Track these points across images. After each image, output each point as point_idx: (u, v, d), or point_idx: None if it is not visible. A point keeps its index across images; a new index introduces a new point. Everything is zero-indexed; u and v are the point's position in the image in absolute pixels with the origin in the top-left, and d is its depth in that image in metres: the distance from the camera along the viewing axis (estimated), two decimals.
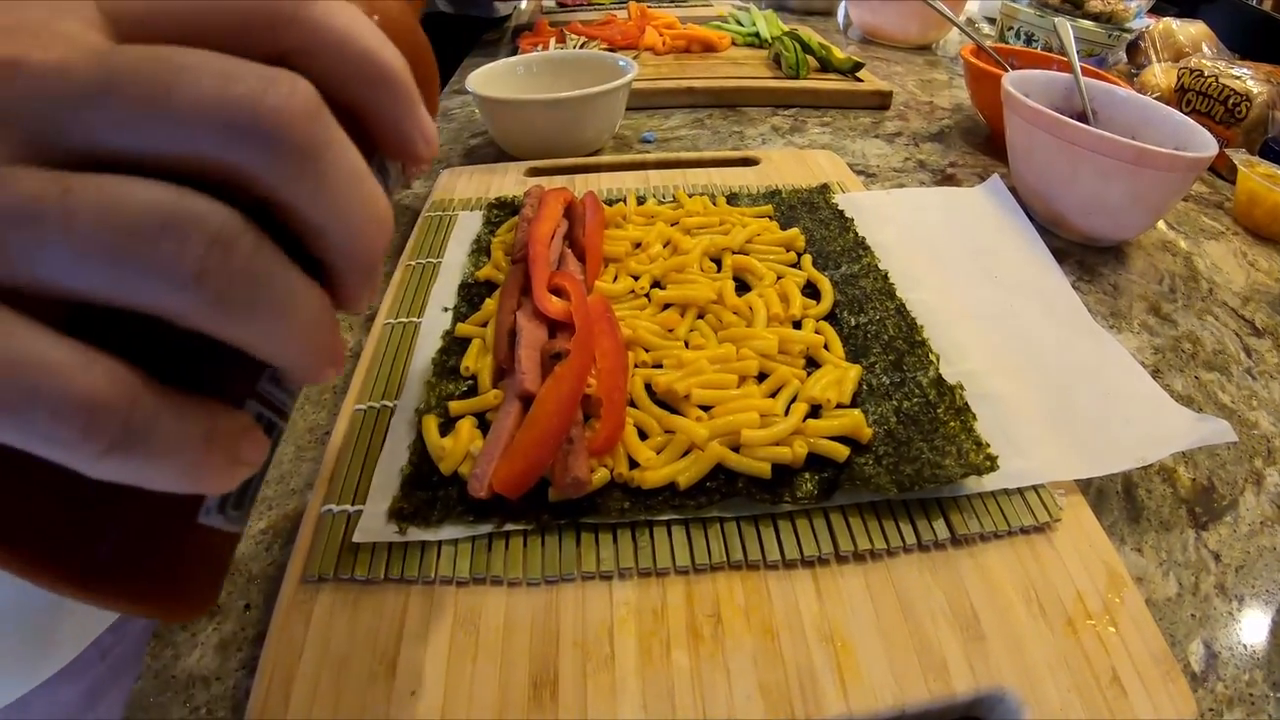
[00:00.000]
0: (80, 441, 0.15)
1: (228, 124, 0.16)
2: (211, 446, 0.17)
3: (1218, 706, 0.32)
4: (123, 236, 0.15)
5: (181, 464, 0.16)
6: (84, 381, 0.15)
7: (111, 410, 0.15)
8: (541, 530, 0.34)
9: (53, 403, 0.14)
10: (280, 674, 0.29)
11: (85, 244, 0.15)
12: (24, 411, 0.14)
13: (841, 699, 0.29)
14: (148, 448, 0.16)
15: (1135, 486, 0.42)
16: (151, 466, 0.16)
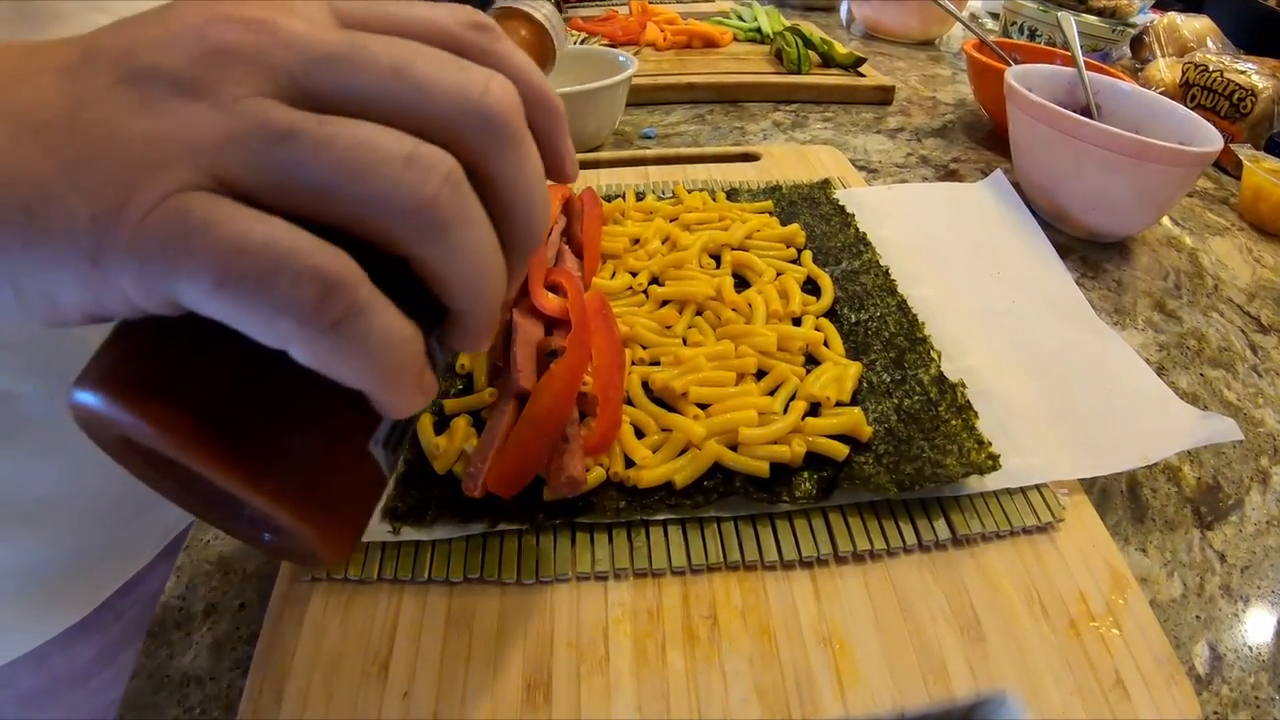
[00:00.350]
0: (313, 313, 0.17)
1: (458, 102, 0.19)
2: (410, 357, 0.19)
3: (1222, 710, 0.32)
4: (368, 161, 0.18)
5: (384, 362, 0.18)
6: (321, 258, 0.17)
7: (343, 286, 0.17)
8: (536, 530, 0.34)
9: (295, 272, 0.17)
10: (273, 674, 0.29)
11: (336, 166, 0.18)
12: (269, 281, 0.17)
13: (839, 702, 0.28)
14: (365, 334, 0.18)
15: (1140, 485, 0.41)
16: (360, 355, 0.18)
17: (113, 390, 0.18)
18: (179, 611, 0.33)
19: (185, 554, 0.36)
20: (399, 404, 0.20)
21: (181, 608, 0.34)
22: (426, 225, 0.19)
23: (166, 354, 0.19)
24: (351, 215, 0.18)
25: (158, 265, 0.17)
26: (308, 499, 0.20)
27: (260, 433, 0.19)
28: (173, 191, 0.17)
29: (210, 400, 0.18)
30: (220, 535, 0.37)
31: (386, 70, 0.19)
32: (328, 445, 0.20)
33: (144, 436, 0.18)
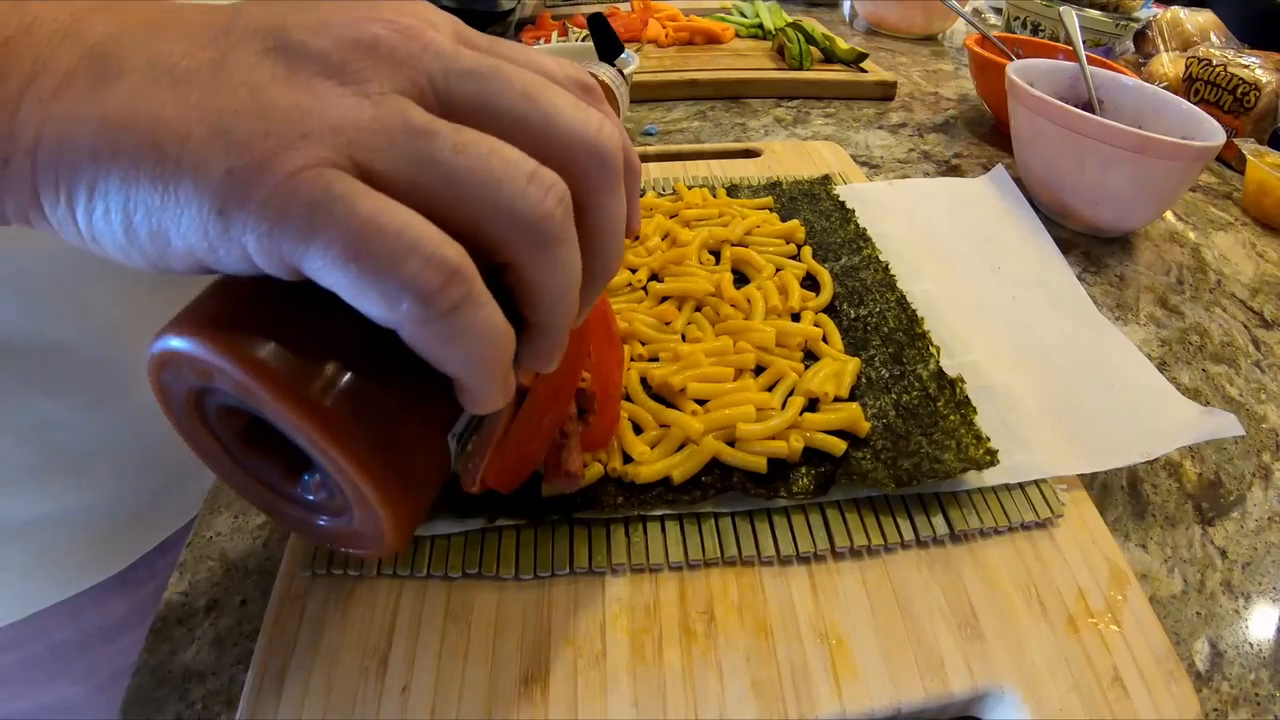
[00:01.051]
0: (434, 296, 0.18)
1: (577, 133, 0.21)
2: (506, 352, 0.20)
3: (1223, 706, 0.32)
4: (500, 173, 0.19)
5: (485, 353, 0.20)
6: (449, 248, 0.18)
7: (465, 277, 0.18)
8: (534, 525, 0.34)
9: (425, 256, 0.18)
10: (273, 669, 0.29)
11: (469, 170, 0.19)
12: (399, 261, 0.17)
13: (836, 698, 0.28)
14: (473, 323, 0.19)
15: (1140, 481, 0.41)
16: (466, 342, 0.19)
17: (212, 335, 0.18)
18: (181, 607, 0.34)
19: (188, 550, 0.36)
20: (486, 396, 0.21)
21: (184, 604, 0.34)
22: (540, 237, 0.20)
23: (270, 311, 0.19)
24: (472, 217, 0.20)
25: (290, 228, 0.17)
26: (390, 475, 0.20)
27: (354, 401, 0.19)
28: (313, 164, 0.18)
29: (311, 360, 0.19)
30: (222, 532, 0.37)
31: (518, 93, 0.21)
32: (414, 427, 0.21)
33: (238, 385, 0.18)
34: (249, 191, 0.17)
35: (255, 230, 0.18)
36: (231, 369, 0.18)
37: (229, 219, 0.18)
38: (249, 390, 0.18)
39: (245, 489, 0.23)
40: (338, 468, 0.19)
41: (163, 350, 0.19)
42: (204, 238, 0.18)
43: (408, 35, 0.20)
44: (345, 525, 0.22)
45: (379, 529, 0.21)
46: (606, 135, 0.22)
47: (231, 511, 0.38)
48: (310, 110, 0.19)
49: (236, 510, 0.38)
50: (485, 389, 0.21)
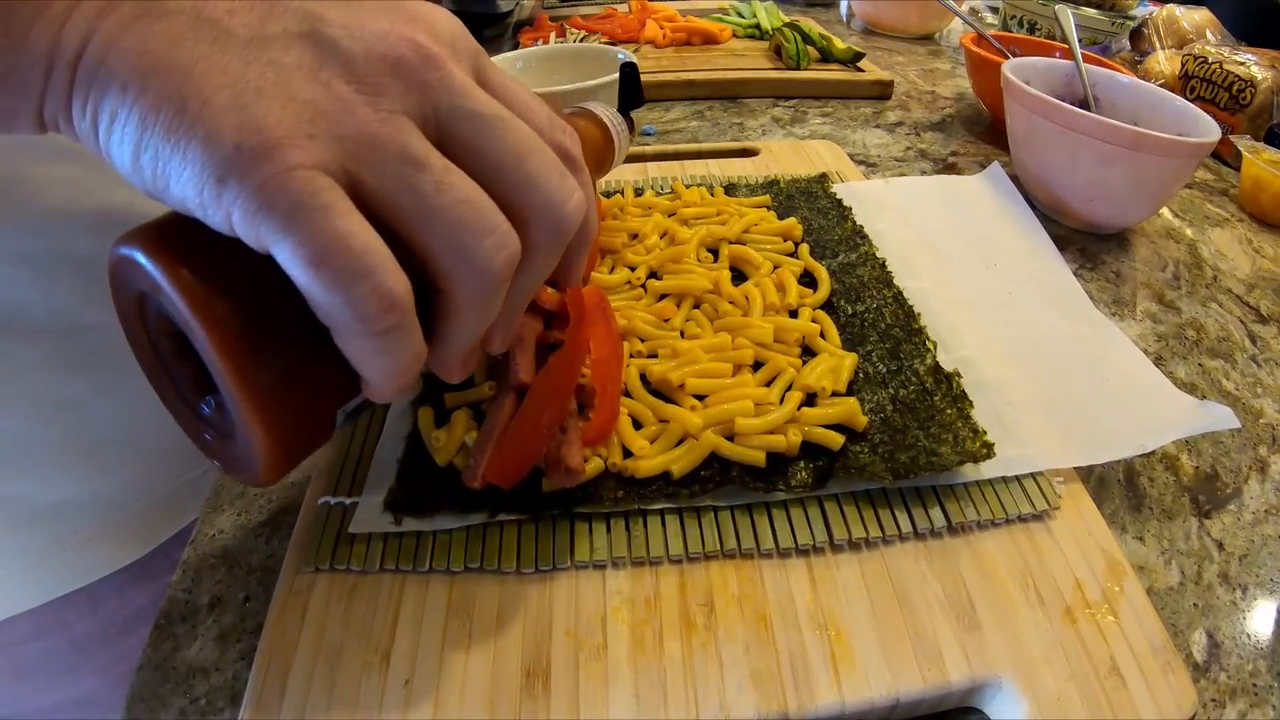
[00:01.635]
0: (371, 319, 0.20)
1: (547, 203, 0.24)
2: (415, 369, 0.23)
3: (1220, 697, 0.32)
4: (468, 221, 0.21)
5: (396, 369, 0.22)
6: (396, 281, 0.20)
7: (401, 309, 0.21)
8: (535, 520, 0.34)
9: (374, 284, 0.20)
10: (276, 664, 0.29)
11: (442, 209, 0.21)
12: (352, 281, 0.20)
13: (835, 688, 0.29)
14: (396, 347, 0.21)
15: (1137, 474, 0.41)
16: (384, 359, 0.22)
17: (157, 250, 0.20)
18: (185, 605, 0.34)
19: (191, 548, 0.36)
20: (385, 396, 0.24)
21: (187, 601, 0.34)
22: (479, 286, 0.22)
23: (218, 249, 0.21)
24: (431, 248, 0.22)
25: (272, 220, 0.19)
26: (277, 414, 0.22)
27: (269, 344, 0.21)
28: (309, 165, 0.19)
29: (235, 295, 0.21)
30: (225, 529, 0.37)
31: (510, 149, 0.23)
32: (310, 388, 0.23)
33: (171, 301, 0.20)
34: (248, 172, 0.19)
35: (243, 207, 0.19)
36: (165, 283, 0.20)
37: (224, 188, 0.19)
38: (174, 303, 0.20)
39: (167, 397, 0.26)
40: (232, 397, 0.21)
41: (116, 255, 0.21)
42: (198, 195, 0.19)
43: (429, 63, 0.22)
44: (231, 448, 0.24)
45: (255, 461, 0.23)
46: (572, 208, 0.24)
47: (234, 509, 0.38)
48: (323, 111, 0.20)
49: (239, 508, 0.38)
50: (385, 391, 0.23)
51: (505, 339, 0.27)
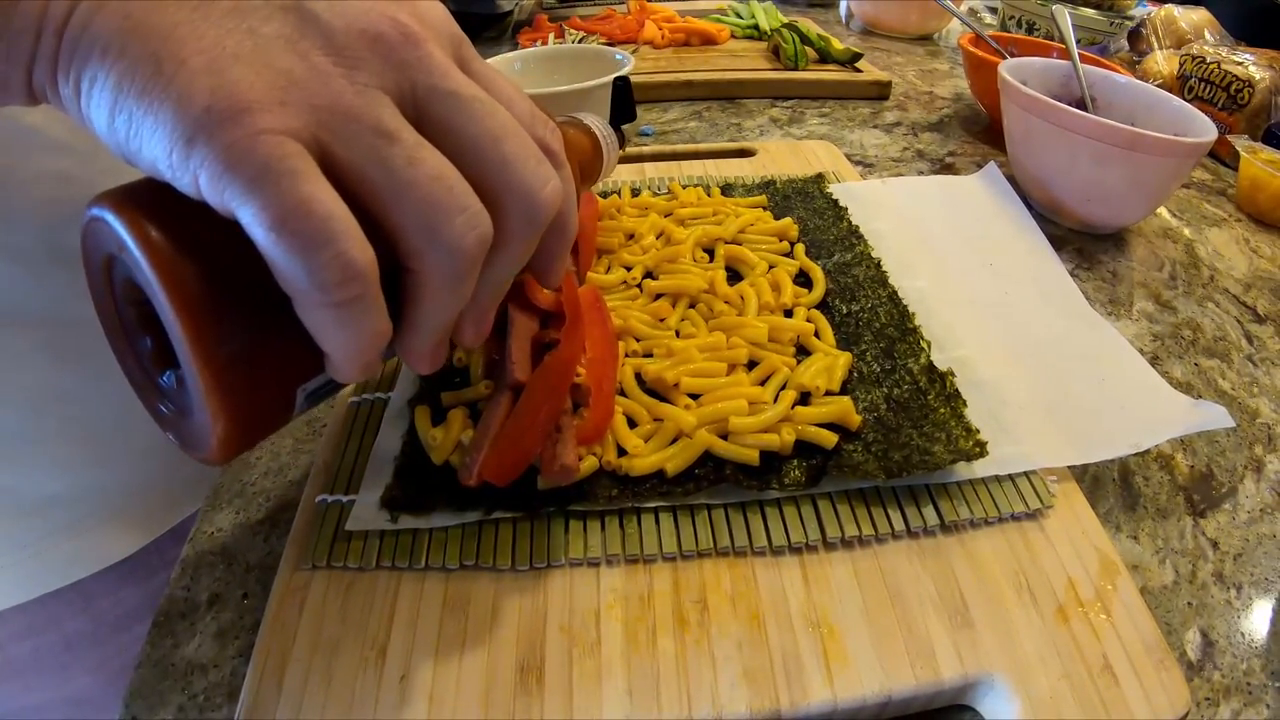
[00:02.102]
0: (331, 288, 0.20)
1: (521, 187, 0.23)
2: (376, 347, 0.23)
3: (1214, 695, 0.32)
4: (439, 197, 0.21)
5: (356, 344, 0.22)
6: (359, 251, 0.20)
7: (363, 279, 0.20)
8: (530, 517, 0.34)
9: (335, 252, 0.20)
10: (274, 661, 0.30)
11: (411, 183, 0.21)
12: (313, 247, 0.19)
13: (827, 686, 0.29)
14: (356, 320, 0.21)
15: (1132, 474, 0.41)
16: (343, 332, 0.21)
17: (128, 212, 0.20)
18: (184, 602, 0.34)
19: (189, 545, 0.37)
20: (346, 374, 0.23)
21: (186, 598, 0.34)
22: (447, 266, 0.22)
23: (190, 216, 0.21)
24: (400, 224, 0.21)
25: (238, 182, 0.19)
26: (236, 388, 0.22)
27: (232, 313, 0.21)
28: (280, 130, 0.19)
29: (202, 263, 0.21)
30: (224, 527, 0.37)
31: (486, 130, 0.23)
32: (271, 363, 0.23)
33: (136, 262, 0.20)
34: (216, 133, 0.19)
35: (209, 169, 0.19)
36: (131, 243, 0.20)
37: (192, 149, 0.19)
38: (139, 264, 0.20)
39: (129, 369, 0.26)
40: (191, 367, 0.21)
41: (88, 216, 0.21)
42: (167, 156, 0.19)
43: (409, 41, 0.22)
44: (187, 424, 0.24)
45: (209, 438, 0.22)
46: (548, 194, 0.24)
47: (233, 508, 0.38)
48: (298, 81, 0.20)
49: (238, 506, 0.38)
50: (347, 369, 0.23)
51: (477, 332, 0.27)
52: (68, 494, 0.44)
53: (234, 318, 0.21)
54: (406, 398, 0.40)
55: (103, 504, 0.46)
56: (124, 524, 0.47)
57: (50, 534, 0.44)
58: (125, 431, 0.46)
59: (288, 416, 0.25)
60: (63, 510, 0.44)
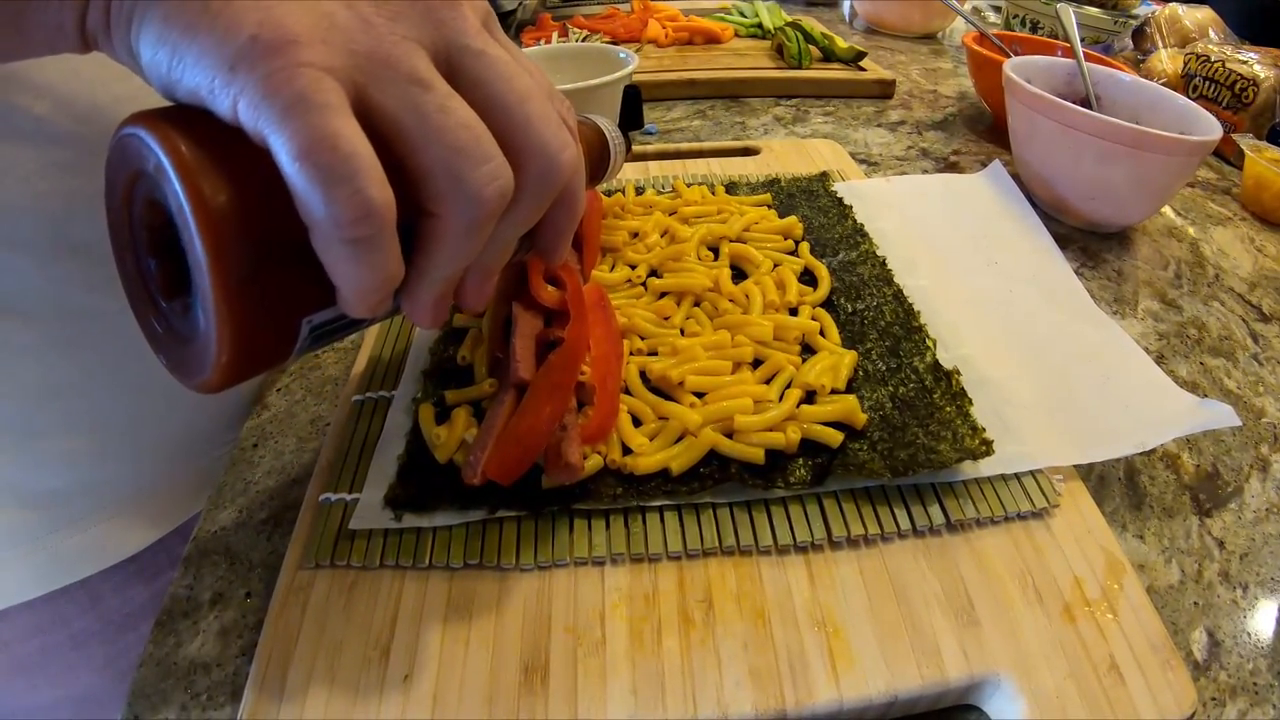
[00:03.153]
0: (346, 224, 0.21)
1: (542, 146, 0.24)
2: (386, 288, 0.23)
3: (1220, 695, 0.32)
4: (466, 144, 0.22)
5: (368, 282, 0.22)
6: (378, 190, 0.21)
7: (379, 218, 0.21)
8: (535, 516, 0.34)
9: (355, 188, 0.20)
10: (277, 659, 0.30)
11: (440, 131, 0.22)
12: (334, 181, 0.20)
13: (833, 685, 0.29)
14: (368, 257, 0.22)
15: (1138, 473, 0.41)
16: (356, 268, 0.22)
17: (160, 128, 0.21)
18: (186, 601, 0.34)
19: (192, 544, 0.36)
20: (354, 309, 0.24)
21: (189, 597, 0.34)
22: (468, 213, 0.23)
23: (221, 140, 0.21)
24: (425, 168, 0.22)
25: (274, 109, 0.20)
26: (246, 310, 0.22)
27: (251, 235, 0.22)
28: (320, 66, 0.21)
29: (232, 185, 0.21)
30: (227, 526, 0.37)
31: (513, 89, 0.24)
32: (284, 290, 0.24)
33: (166, 175, 0.21)
34: (258, 61, 0.20)
35: (249, 94, 0.20)
36: (164, 158, 0.21)
37: (234, 75, 0.20)
38: (169, 179, 0.21)
39: (133, 292, 0.26)
40: (205, 284, 0.21)
41: (120, 134, 0.22)
42: (209, 81, 0.20)
43: (447, 2, 0.24)
44: (187, 349, 0.24)
45: (210, 360, 0.23)
46: (566, 159, 0.25)
47: (236, 507, 0.38)
48: (341, 25, 0.22)
49: (241, 505, 0.38)
50: (356, 305, 0.23)
51: (479, 294, 0.28)
52: (73, 488, 0.44)
53: (253, 240, 0.22)
54: (410, 396, 0.40)
55: (109, 499, 0.46)
56: (131, 520, 0.47)
57: (56, 529, 0.44)
58: (132, 426, 0.46)
59: (288, 350, 0.25)
60: (68, 505, 0.44)
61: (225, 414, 0.50)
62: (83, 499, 0.45)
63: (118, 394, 0.45)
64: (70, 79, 0.38)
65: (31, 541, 0.43)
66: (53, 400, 0.42)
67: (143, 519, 0.47)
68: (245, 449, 0.42)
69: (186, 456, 0.49)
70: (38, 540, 0.43)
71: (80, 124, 0.38)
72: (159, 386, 0.46)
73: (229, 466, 0.41)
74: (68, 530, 0.44)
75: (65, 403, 0.42)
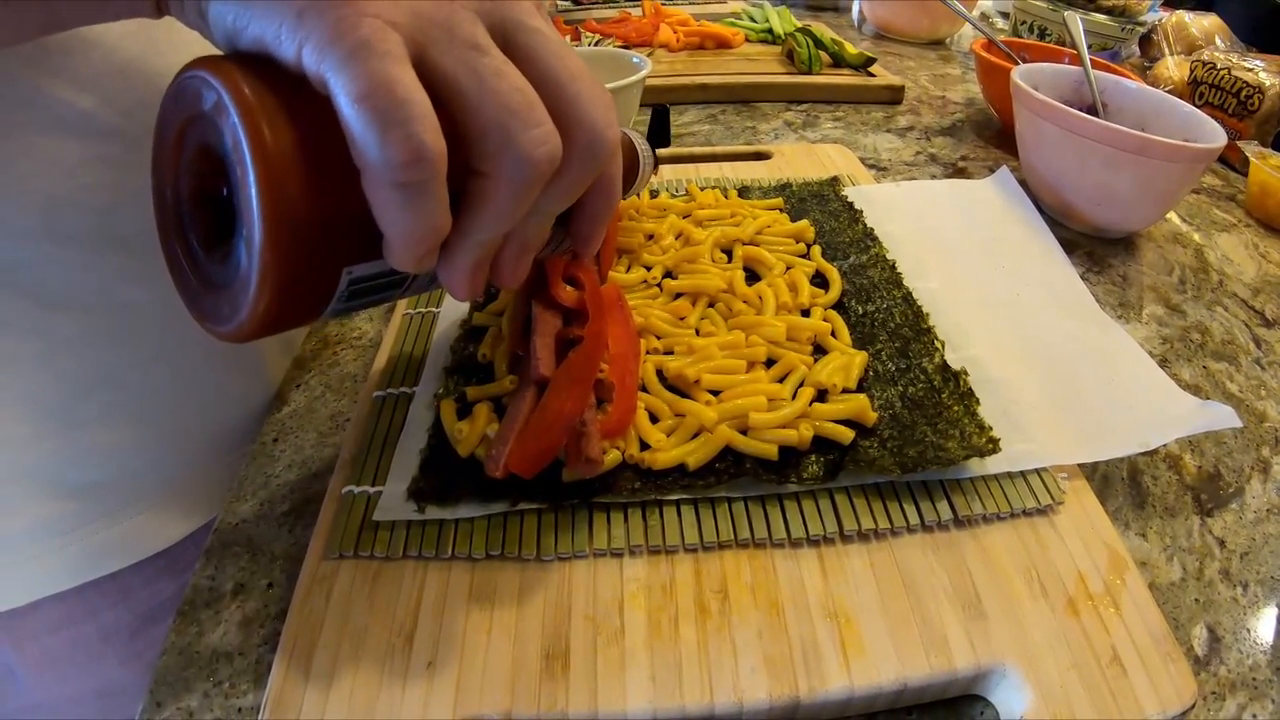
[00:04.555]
0: (398, 167, 0.21)
1: (589, 120, 0.25)
2: (432, 238, 0.24)
3: (1220, 690, 0.32)
4: (519, 106, 0.23)
5: (414, 231, 0.23)
6: (432, 137, 0.22)
7: (431, 163, 0.22)
8: (555, 509, 0.35)
9: (408, 133, 0.21)
10: (301, 646, 0.30)
11: (496, 93, 0.23)
12: (389, 122, 0.21)
13: (844, 672, 0.29)
14: (417, 203, 0.22)
15: (1140, 473, 0.42)
16: (404, 214, 0.22)
17: (227, 72, 0.22)
18: (208, 591, 0.35)
19: (214, 536, 0.37)
20: (400, 260, 0.24)
21: (211, 588, 0.35)
22: (518, 173, 0.24)
23: (282, 87, 0.22)
24: (478, 128, 0.23)
25: (338, 53, 0.21)
26: (289, 257, 0.23)
27: (304, 180, 0.22)
28: (385, 19, 0.22)
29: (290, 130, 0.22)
30: (248, 518, 0.38)
31: (564, 66, 0.25)
32: (331, 233, 0.24)
33: (226, 113, 0.22)
34: (326, 9, 0.21)
35: (314, 39, 0.21)
36: (227, 99, 0.22)
37: (302, 21, 0.21)
38: (230, 120, 0.21)
39: (170, 240, 0.26)
40: (253, 223, 0.22)
41: (180, 77, 0.23)
42: (276, 29, 0.22)
43: None
44: (220, 294, 0.24)
45: (244, 306, 0.23)
46: (611, 136, 0.26)
47: (257, 499, 0.39)
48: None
49: (262, 498, 0.39)
50: (402, 255, 0.24)
51: (515, 269, 0.28)
52: (110, 481, 0.45)
53: (304, 181, 0.22)
54: (432, 393, 0.41)
55: (145, 492, 0.46)
56: (164, 514, 0.47)
57: (90, 521, 0.44)
58: (171, 419, 0.46)
59: (324, 303, 0.25)
60: (104, 497, 0.45)
61: (261, 409, 0.51)
62: (119, 491, 0.45)
63: (158, 387, 0.45)
64: (116, 74, 0.39)
65: (66, 533, 0.43)
66: (95, 392, 0.43)
67: (176, 513, 0.48)
68: (265, 443, 0.42)
69: (221, 451, 0.49)
70: (72, 532, 0.44)
71: (125, 118, 0.39)
72: (199, 380, 0.47)
73: (249, 460, 0.41)
74: (102, 522, 0.45)
75: (107, 395, 0.43)
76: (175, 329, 0.44)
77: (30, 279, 0.39)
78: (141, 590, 0.47)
